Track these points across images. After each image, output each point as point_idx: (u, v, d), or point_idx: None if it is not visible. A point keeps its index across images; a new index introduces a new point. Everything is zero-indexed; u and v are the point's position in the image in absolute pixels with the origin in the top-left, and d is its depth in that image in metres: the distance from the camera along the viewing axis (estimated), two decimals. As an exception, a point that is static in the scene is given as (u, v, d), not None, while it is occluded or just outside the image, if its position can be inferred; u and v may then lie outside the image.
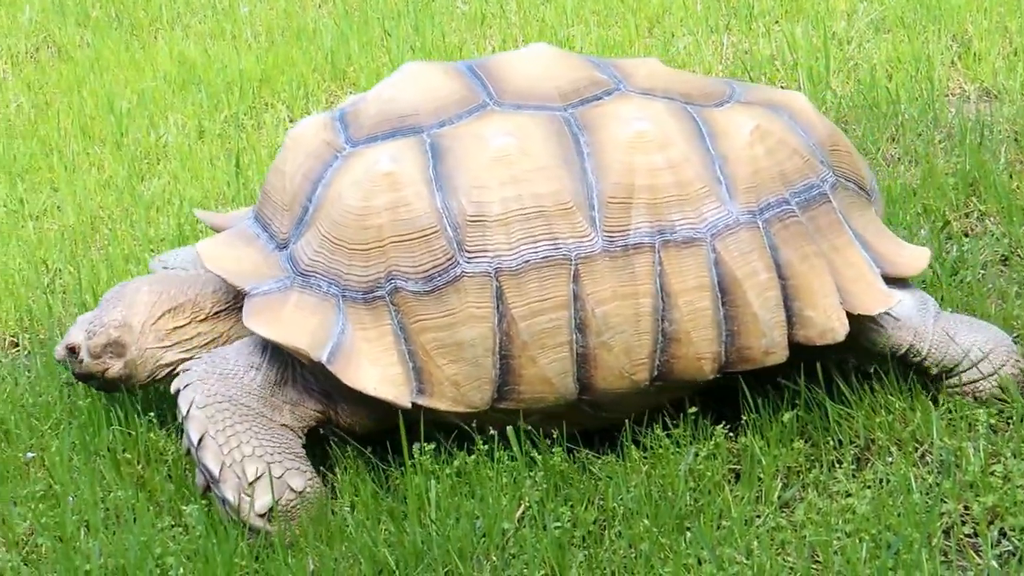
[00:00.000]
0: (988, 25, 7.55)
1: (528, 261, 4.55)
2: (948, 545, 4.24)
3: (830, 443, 4.66)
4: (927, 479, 4.45)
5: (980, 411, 4.59)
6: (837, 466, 4.59)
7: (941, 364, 4.72)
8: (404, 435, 4.61)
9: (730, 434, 4.71)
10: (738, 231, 4.61)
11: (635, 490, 4.49)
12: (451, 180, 4.58)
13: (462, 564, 4.32)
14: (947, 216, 5.86)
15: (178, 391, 4.67)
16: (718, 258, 4.59)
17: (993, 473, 4.38)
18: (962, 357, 4.70)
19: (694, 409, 4.70)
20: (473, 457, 4.62)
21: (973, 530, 4.27)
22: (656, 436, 4.67)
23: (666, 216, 4.59)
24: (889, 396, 4.72)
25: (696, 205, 4.60)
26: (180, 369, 4.79)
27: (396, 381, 4.59)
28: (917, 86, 7.02)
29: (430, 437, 4.66)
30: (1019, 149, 6.31)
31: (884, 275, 4.72)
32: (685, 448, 4.64)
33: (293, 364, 4.70)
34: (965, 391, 4.72)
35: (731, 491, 4.52)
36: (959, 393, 4.72)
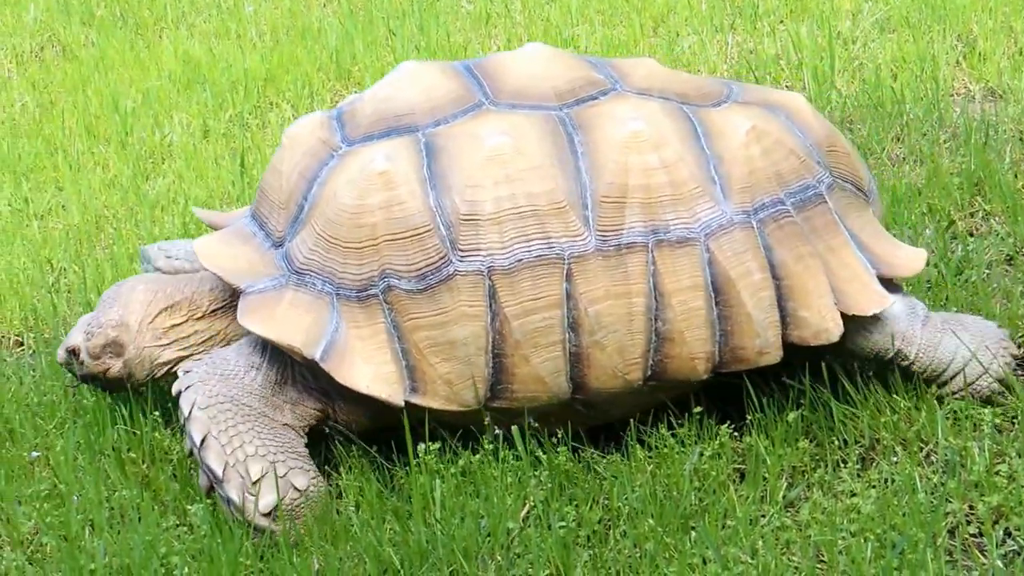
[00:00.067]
0: (993, 25, 7.55)
1: (521, 260, 4.55)
2: (953, 545, 4.24)
3: (835, 443, 4.66)
4: (932, 479, 4.45)
5: (985, 411, 4.59)
6: (842, 466, 4.59)
7: (930, 368, 4.71)
8: (409, 434, 4.62)
9: (735, 434, 4.72)
10: (732, 231, 4.61)
11: (640, 490, 4.49)
12: (445, 179, 4.58)
13: (467, 563, 4.32)
14: (952, 216, 5.85)
15: (179, 393, 4.67)
16: (712, 258, 4.59)
17: (998, 473, 4.38)
18: (951, 360, 4.70)
19: (699, 409, 4.70)
20: (478, 456, 4.62)
21: (978, 530, 4.27)
22: (661, 436, 4.67)
23: (660, 216, 4.58)
24: (894, 396, 4.72)
25: (690, 205, 4.60)
26: (181, 370, 4.79)
27: (389, 379, 4.59)
28: (922, 86, 7.02)
29: (435, 436, 4.67)
30: (1024, 149, 6.32)
31: (880, 276, 4.71)
32: (690, 448, 4.64)
33: (292, 363, 4.70)
34: (967, 393, 4.70)
35: (736, 491, 4.52)
36: (962, 396, 4.70)
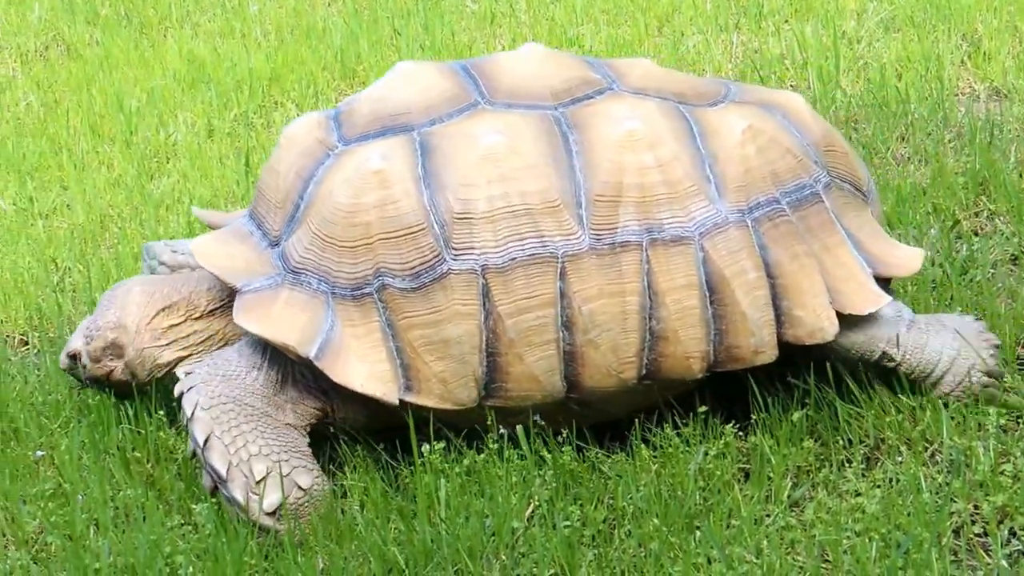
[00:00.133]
0: (998, 24, 7.54)
1: (515, 258, 4.55)
2: (958, 544, 4.23)
3: (840, 442, 4.65)
4: (937, 478, 4.45)
5: (990, 410, 4.58)
6: (847, 465, 4.58)
7: (918, 370, 4.70)
8: (413, 434, 4.62)
9: (740, 433, 4.71)
10: (727, 230, 4.60)
11: (645, 489, 4.49)
12: (439, 178, 4.59)
13: (472, 563, 4.32)
14: (957, 215, 5.85)
15: (182, 394, 4.67)
16: (706, 256, 4.58)
17: (1003, 472, 4.37)
18: (938, 360, 4.69)
19: (704, 408, 4.69)
20: (483, 456, 4.62)
21: (983, 529, 4.26)
22: (666, 435, 4.67)
23: (654, 214, 4.58)
24: (899, 396, 4.71)
25: (685, 204, 4.60)
26: (182, 371, 4.79)
27: (384, 378, 4.59)
28: (927, 85, 7.02)
29: (440, 436, 4.67)
30: (1029, 148, 6.31)
31: (877, 276, 4.71)
32: (695, 447, 4.64)
33: (293, 363, 4.70)
34: (959, 392, 4.69)
35: (741, 490, 4.52)
36: (957, 397, 4.69)
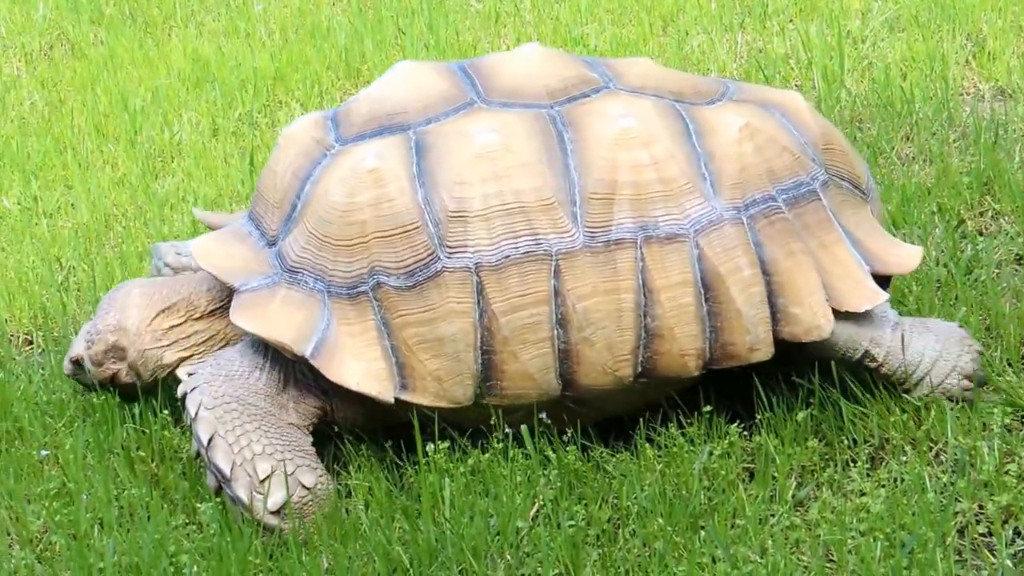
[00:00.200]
0: (1002, 24, 7.54)
1: (508, 256, 4.55)
2: (962, 544, 4.23)
3: (844, 442, 4.65)
4: (941, 478, 4.44)
5: (995, 410, 4.58)
6: (851, 465, 4.58)
7: (899, 371, 4.69)
8: (418, 433, 4.62)
9: (744, 433, 4.71)
10: (722, 227, 4.60)
11: (649, 489, 4.49)
12: (434, 176, 4.59)
13: (476, 562, 4.32)
14: (962, 215, 5.85)
15: (185, 394, 4.67)
16: (701, 254, 4.58)
17: (1008, 472, 4.37)
18: (919, 362, 4.69)
19: (708, 408, 4.69)
20: (487, 455, 4.62)
21: (988, 529, 4.26)
22: (670, 435, 4.67)
23: (649, 212, 4.58)
24: (903, 395, 4.71)
25: (680, 201, 4.60)
26: (185, 372, 4.80)
27: (379, 376, 4.59)
28: (931, 85, 7.01)
29: (444, 435, 4.67)
30: (1034, 148, 6.31)
31: (875, 273, 4.71)
32: (699, 447, 4.64)
33: (293, 362, 4.71)
34: (936, 394, 4.69)
35: (745, 490, 4.52)
36: (935, 397, 4.68)
